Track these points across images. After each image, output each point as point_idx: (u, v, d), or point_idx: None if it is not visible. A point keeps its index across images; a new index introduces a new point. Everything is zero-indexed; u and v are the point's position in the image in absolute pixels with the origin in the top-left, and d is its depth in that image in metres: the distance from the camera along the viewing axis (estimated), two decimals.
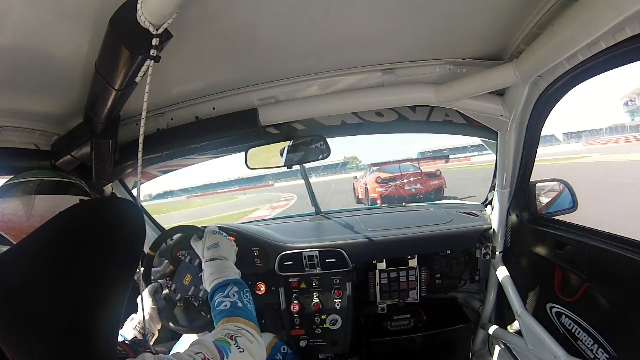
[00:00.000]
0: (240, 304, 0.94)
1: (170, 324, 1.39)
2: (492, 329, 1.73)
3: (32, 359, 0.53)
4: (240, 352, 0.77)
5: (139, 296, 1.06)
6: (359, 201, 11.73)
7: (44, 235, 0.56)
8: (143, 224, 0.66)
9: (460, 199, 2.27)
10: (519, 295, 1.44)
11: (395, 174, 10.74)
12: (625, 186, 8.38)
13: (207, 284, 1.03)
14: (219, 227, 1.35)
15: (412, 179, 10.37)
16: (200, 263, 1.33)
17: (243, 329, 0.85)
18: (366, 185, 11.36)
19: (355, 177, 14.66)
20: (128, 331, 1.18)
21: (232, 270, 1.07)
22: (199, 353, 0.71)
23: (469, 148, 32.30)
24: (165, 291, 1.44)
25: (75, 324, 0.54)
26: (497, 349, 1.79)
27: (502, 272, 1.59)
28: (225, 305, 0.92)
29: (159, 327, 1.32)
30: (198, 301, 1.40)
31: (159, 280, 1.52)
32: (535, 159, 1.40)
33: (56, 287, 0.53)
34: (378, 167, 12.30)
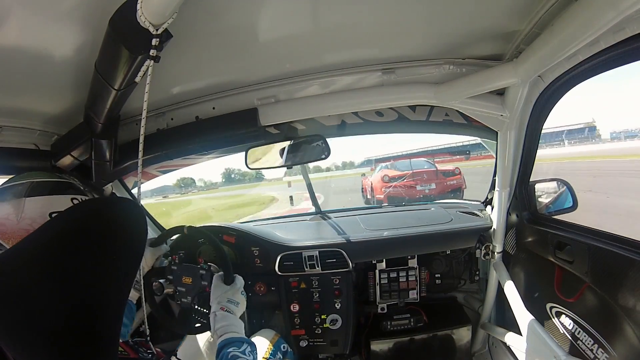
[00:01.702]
0: None
1: (166, 323, 1.39)
2: (492, 328, 1.73)
3: (33, 359, 0.53)
4: None
5: (141, 296, 1.06)
6: (367, 201, 10.22)
7: (45, 235, 0.56)
8: (144, 223, 0.66)
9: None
10: (519, 295, 1.44)
11: (405, 172, 9.28)
12: None
13: (218, 334, 1.05)
14: (219, 226, 1.35)
15: (425, 177, 8.89)
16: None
17: None
18: (372, 184, 10.06)
19: (363, 175, 13.03)
20: None
21: (242, 329, 1.10)
22: None
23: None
24: (167, 290, 1.44)
25: (76, 323, 0.54)
26: (497, 349, 1.79)
27: (502, 272, 1.59)
28: None
29: None
30: (193, 304, 1.40)
31: (160, 280, 1.52)
32: (535, 158, 1.40)
33: (57, 287, 0.53)
34: (387, 164, 10.75)
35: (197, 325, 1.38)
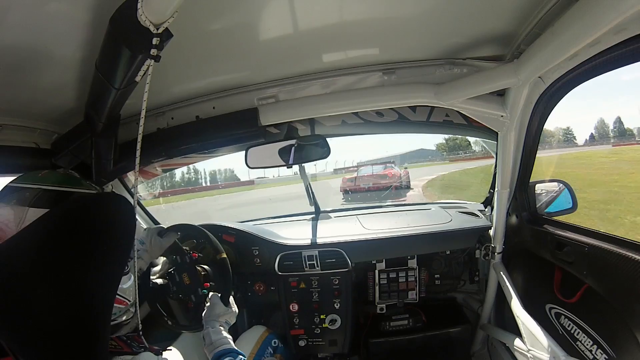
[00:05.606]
0: None
1: (159, 309, 1.40)
2: (492, 329, 1.73)
3: (29, 352, 0.53)
4: None
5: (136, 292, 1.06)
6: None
7: (36, 230, 0.57)
8: (133, 219, 0.67)
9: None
10: (519, 296, 1.44)
11: (355, 176, 14.47)
12: None
13: (215, 346, 1.12)
14: (219, 225, 1.35)
15: (365, 178, 13.86)
16: (192, 261, 1.40)
17: None
18: (341, 182, 14.92)
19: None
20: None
21: (229, 338, 1.18)
22: None
23: None
24: (160, 281, 1.43)
25: (66, 316, 0.55)
26: (496, 349, 1.79)
27: (501, 273, 1.59)
28: None
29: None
30: (191, 300, 1.41)
31: (159, 281, 1.51)
32: (535, 159, 1.40)
33: (48, 281, 0.54)
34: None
35: (186, 323, 1.40)
